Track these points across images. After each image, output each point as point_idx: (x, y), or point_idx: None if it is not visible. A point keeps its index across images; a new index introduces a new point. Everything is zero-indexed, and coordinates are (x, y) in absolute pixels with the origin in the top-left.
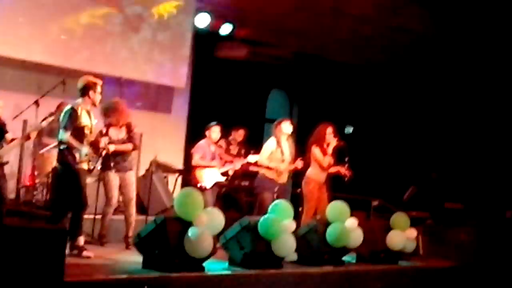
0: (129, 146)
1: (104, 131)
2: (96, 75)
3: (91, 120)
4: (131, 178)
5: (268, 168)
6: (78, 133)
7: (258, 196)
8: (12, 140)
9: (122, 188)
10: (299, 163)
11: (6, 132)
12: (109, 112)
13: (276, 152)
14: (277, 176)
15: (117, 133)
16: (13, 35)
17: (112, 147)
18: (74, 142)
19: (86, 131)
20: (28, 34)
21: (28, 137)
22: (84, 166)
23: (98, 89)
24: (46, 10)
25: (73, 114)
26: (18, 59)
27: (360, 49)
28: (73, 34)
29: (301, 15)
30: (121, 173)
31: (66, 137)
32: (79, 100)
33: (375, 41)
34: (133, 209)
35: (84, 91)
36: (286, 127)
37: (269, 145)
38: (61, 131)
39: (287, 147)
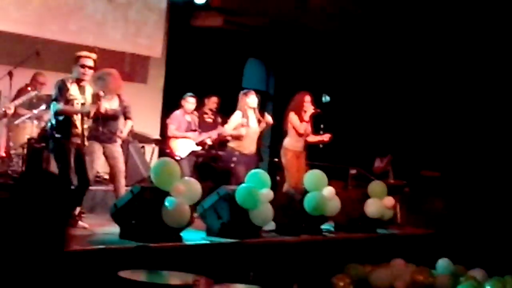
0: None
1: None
2: (69, 45)
3: (83, 95)
4: (119, 149)
5: (237, 138)
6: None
7: (230, 170)
8: None
9: (110, 160)
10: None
11: None
12: (100, 81)
13: (241, 123)
14: (244, 147)
15: (110, 104)
16: None
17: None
18: (70, 108)
19: (76, 104)
20: (1, 4)
21: (5, 114)
22: (77, 140)
23: (86, 62)
24: None
25: (61, 86)
26: None
27: (335, 17)
28: (47, 4)
29: None
30: (105, 144)
31: (60, 107)
32: (73, 73)
33: (349, 8)
34: (123, 180)
35: (74, 64)
36: (251, 100)
37: (235, 117)
38: (52, 104)
39: (254, 119)
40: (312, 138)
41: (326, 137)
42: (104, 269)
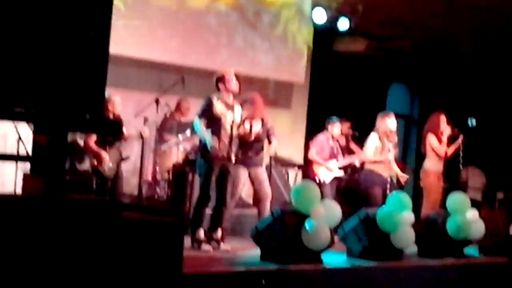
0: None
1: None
2: (214, 72)
3: (232, 113)
4: (264, 174)
5: (376, 162)
6: (213, 123)
7: (367, 192)
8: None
9: (256, 183)
10: (404, 178)
11: (122, 128)
12: (244, 105)
13: (380, 146)
14: (381, 169)
15: (254, 127)
16: (134, 36)
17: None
18: (201, 129)
19: (223, 121)
20: (148, 35)
21: (140, 137)
22: (223, 157)
23: (229, 77)
24: (164, 10)
25: (206, 102)
26: (139, 58)
27: (482, 37)
28: (191, 34)
29: (418, 6)
30: (251, 168)
31: (197, 123)
32: (220, 92)
33: (497, 29)
34: (268, 204)
35: (217, 86)
36: (391, 122)
37: (372, 140)
38: (195, 119)
39: (390, 142)
40: (450, 150)
41: (458, 142)
42: None
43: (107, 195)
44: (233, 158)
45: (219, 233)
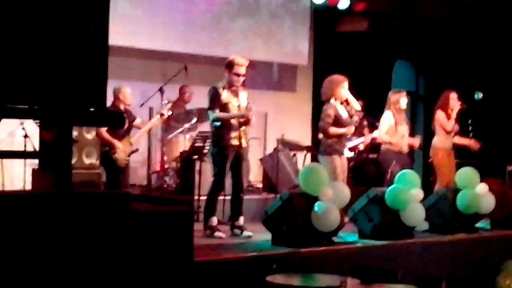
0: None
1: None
2: (216, 59)
3: (237, 99)
4: (346, 163)
5: (390, 143)
6: (221, 111)
7: (387, 170)
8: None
9: (340, 172)
10: (417, 141)
11: (125, 120)
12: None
13: (394, 125)
14: (400, 146)
15: (343, 111)
16: (135, 26)
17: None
18: (225, 115)
19: (231, 107)
20: (148, 25)
21: (162, 115)
22: (235, 142)
23: (240, 70)
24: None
25: (213, 93)
26: (141, 48)
27: (489, 12)
28: (192, 21)
29: None
30: (341, 156)
31: (215, 115)
32: (224, 79)
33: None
34: None
35: (227, 70)
36: (402, 100)
37: (386, 119)
38: (208, 113)
39: (402, 119)
40: (459, 140)
41: (474, 144)
42: (257, 276)
43: (118, 186)
44: (243, 143)
45: (241, 220)
